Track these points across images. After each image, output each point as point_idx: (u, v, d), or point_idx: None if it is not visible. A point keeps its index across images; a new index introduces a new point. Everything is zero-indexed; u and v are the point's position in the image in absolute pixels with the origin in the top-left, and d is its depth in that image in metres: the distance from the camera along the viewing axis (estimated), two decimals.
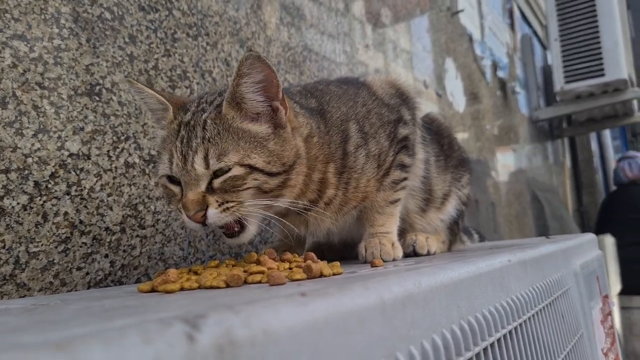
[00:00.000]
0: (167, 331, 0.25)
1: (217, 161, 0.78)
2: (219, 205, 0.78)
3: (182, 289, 0.59)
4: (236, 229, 0.83)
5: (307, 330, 0.33)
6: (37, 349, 0.21)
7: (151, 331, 0.24)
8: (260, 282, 0.61)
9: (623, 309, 3.77)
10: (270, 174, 0.81)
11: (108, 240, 1.01)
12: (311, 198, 0.92)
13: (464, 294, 0.56)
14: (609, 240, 3.62)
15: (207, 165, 0.78)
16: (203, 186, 0.79)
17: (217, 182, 0.79)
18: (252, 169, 0.79)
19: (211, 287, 0.60)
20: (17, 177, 0.87)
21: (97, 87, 1.03)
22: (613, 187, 4.94)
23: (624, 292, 3.71)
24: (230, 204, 0.79)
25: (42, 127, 0.92)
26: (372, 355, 0.38)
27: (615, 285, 3.37)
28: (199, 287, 0.61)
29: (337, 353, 0.34)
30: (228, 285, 0.60)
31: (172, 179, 0.85)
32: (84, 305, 0.48)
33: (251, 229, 0.84)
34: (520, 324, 0.70)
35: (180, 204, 0.81)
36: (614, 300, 3.25)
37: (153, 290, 0.61)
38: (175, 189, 0.84)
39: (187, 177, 0.80)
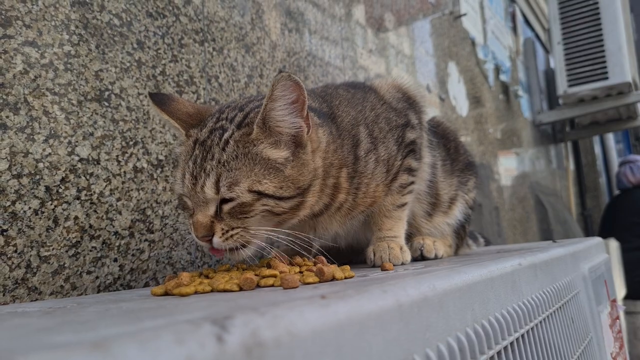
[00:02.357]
0: (198, 332, 0.25)
1: (227, 190, 0.76)
2: (223, 234, 0.78)
3: (195, 292, 0.60)
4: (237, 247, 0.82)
5: (330, 331, 0.33)
6: (73, 349, 0.21)
7: (183, 332, 0.25)
8: (272, 285, 0.62)
9: (628, 313, 3.75)
10: (281, 198, 0.78)
11: (117, 244, 1.02)
12: (325, 202, 0.91)
13: (478, 297, 0.57)
14: (614, 245, 3.61)
15: (217, 191, 0.76)
16: (212, 210, 0.78)
17: (225, 208, 0.77)
18: (262, 195, 0.77)
19: (224, 290, 0.60)
20: (29, 182, 0.88)
21: (107, 93, 1.03)
22: (616, 192, 4.93)
23: (628, 297, 3.70)
24: (235, 231, 0.78)
25: (52, 132, 0.92)
26: (390, 357, 0.38)
27: (619, 289, 3.36)
28: (212, 291, 0.61)
29: (359, 354, 0.35)
30: (241, 289, 0.60)
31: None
32: (102, 308, 0.48)
33: (252, 248, 0.82)
34: (532, 328, 0.70)
35: (191, 221, 0.80)
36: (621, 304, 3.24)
37: (166, 293, 0.62)
38: (189, 202, 0.83)
39: (196, 199, 0.79)
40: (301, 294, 0.43)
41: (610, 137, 7.01)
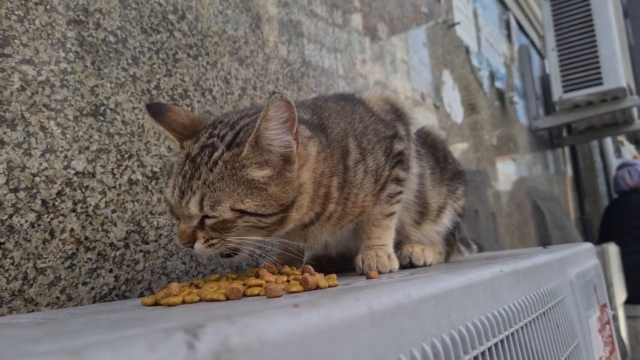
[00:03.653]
0: (170, 340, 0.27)
1: (210, 209, 0.79)
2: (205, 242, 0.82)
3: (184, 302, 0.62)
4: (229, 253, 0.86)
5: (299, 339, 0.35)
6: (52, 356, 0.23)
7: (155, 340, 0.27)
8: (258, 294, 0.64)
9: (629, 318, 3.74)
10: (264, 215, 0.81)
11: (112, 255, 1.04)
12: (316, 212, 0.94)
13: (455, 303, 0.59)
14: (613, 249, 3.62)
15: (201, 209, 0.80)
16: (195, 222, 0.82)
17: (208, 222, 0.81)
18: (243, 213, 0.80)
19: (212, 300, 0.62)
20: (26, 196, 0.90)
21: (102, 108, 1.06)
22: (615, 195, 4.95)
23: (629, 301, 3.69)
24: (215, 241, 0.82)
25: (49, 147, 0.95)
26: None
27: (620, 294, 3.36)
28: (200, 300, 0.64)
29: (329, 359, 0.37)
30: (228, 298, 0.62)
31: None
32: (92, 319, 0.50)
33: (244, 253, 0.87)
34: (512, 333, 0.72)
35: (177, 227, 0.85)
36: (619, 309, 3.24)
37: (156, 303, 0.64)
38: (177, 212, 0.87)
39: (181, 212, 0.83)
40: (278, 303, 0.45)
41: (609, 142, 7.04)
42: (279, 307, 0.38)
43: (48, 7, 0.99)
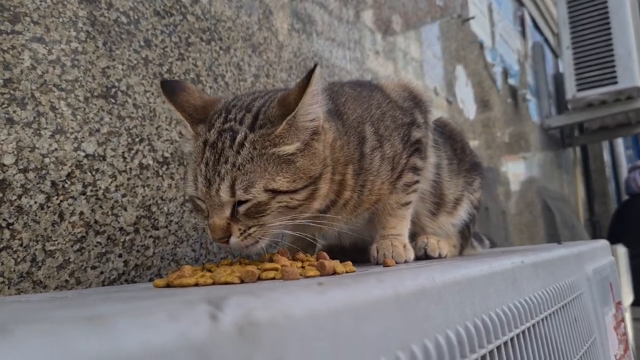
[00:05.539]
0: (192, 310, 0.25)
1: (244, 192, 0.75)
2: (241, 234, 0.78)
3: (197, 284, 0.60)
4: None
5: (325, 316, 0.33)
6: (69, 322, 0.21)
7: (177, 310, 0.25)
8: (274, 278, 0.62)
9: (635, 320, 3.70)
10: (295, 191, 0.79)
11: (122, 240, 1.02)
12: (331, 199, 0.91)
13: (478, 291, 0.57)
14: (622, 251, 3.57)
15: (233, 194, 0.76)
16: (228, 212, 0.78)
17: (241, 209, 0.77)
18: (276, 192, 0.77)
19: (226, 283, 0.60)
20: (35, 177, 0.89)
21: (113, 90, 1.04)
22: (625, 197, 4.89)
23: (636, 304, 3.65)
24: (252, 230, 0.79)
25: (59, 128, 0.94)
26: (387, 345, 0.38)
27: (627, 296, 3.32)
28: (214, 283, 0.62)
29: (354, 340, 0.35)
30: (242, 281, 0.60)
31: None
32: (104, 296, 0.49)
33: (266, 240, 0.83)
34: (533, 325, 0.69)
35: (207, 223, 0.81)
36: (626, 311, 3.20)
37: (168, 285, 0.62)
38: (202, 204, 0.83)
39: (211, 202, 0.78)
40: (299, 283, 0.43)
41: (620, 143, 6.96)
42: (303, 285, 0.36)
43: None
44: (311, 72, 0.76)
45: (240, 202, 0.77)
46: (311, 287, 0.35)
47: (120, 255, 1.02)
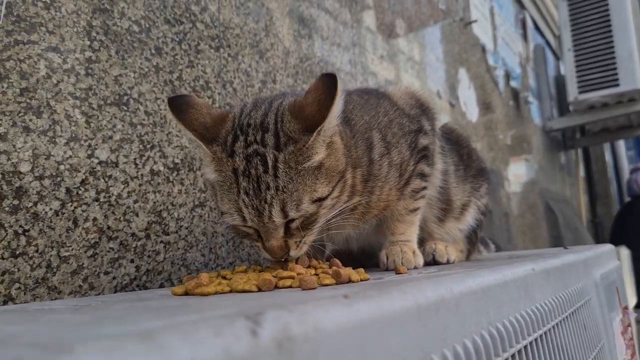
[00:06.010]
0: (234, 325, 0.27)
1: (296, 211, 0.77)
2: (297, 246, 0.80)
3: (215, 293, 0.61)
4: None
5: (352, 329, 0.34)
6: (125, 339, 0.22)
7: (220, 325, 0.26)
8: (290, 286, 0.63)
9: (639, 322, 3.71)
10: (332, 191, 0.81)
11: (134, 245, 1.04)
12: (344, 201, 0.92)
13: (493, 300, 0.58)
14: (624, 252, 3.58)
15: (286, 216, 0.77)
16: (282, 231, 0.79)
17: (293, 225, 0.79)
18: (321, 200, 0.79)
19: (243, 291, 0.61)
20: (50, 184, 0.90)
21: (125, 97, 1.06)
22: (627, 199, 4.90)
23: (639, 306, 3.66)
24: (306, 238, 0.81)
25: (73, 135, 0.95)
26: (410, 356, 0.39)
27: (631, 298, 3.33)
28: (231, 291, 0.63)
29: (380, 352, 0.36)
30: (260, 289, 0.61)
31: None
32: (128, 305, 0.50)
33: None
34: (546, 332, 0.70)
35: (261, 246, 0.81)
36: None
37: (187, 293, 0.63)
38: (250, 230, 0.82)
39: (265, 228, 0.78)
40: (323, 294, 0.44)
41: (621, 144, 6.97)
42: (330, 297, 0.37)
43: None
44: (334, 81, 0.76)
45: (292, 220, 0.78)
46: (338, 300, 0.36)
47: (132, 261, 1.03)
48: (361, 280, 0.66)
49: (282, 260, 0.80)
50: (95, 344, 0.21)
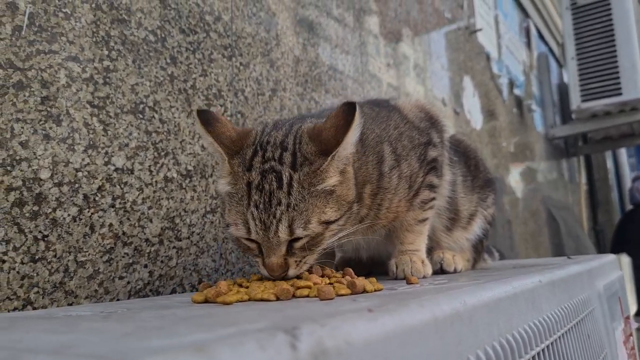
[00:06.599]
0: (275, 339, 0.29)
1: (303, 230, 0.77)
2: (297, 265, 0.81)
3: (237, 302, 0.63)
4: None
5: (378, 342, 0.36)
6: (180, 352, 0.24)
7: (263, 339, 0.28)
8: (307, 296, 0.65)
9: (639, 331, 3.71)
10: (340, 218, 0.82)
11: (148, 251, 1.06)
12: None
13: (503, 312, 0.60)
14: (625, 260, 3.60)
15: (292, 233, 0.78)
16: (284, 249, 0.79)
17: (297, 244, 0.80)
18: (328, 223, 0.80)
19: (262, 300, 0.63)
20: (69, 190, 0.92)
21: (141, 106, 1.08)
22: (629, 207, 4.92)
23: (639, 313, 3.68)
24: (306, 259, 0.82)
25: (91, 143, 0.97)
26: None
27: (631, 306, 3.35)
28: (249, 299, 0.65)
29: None
30: (278, 298, 0.64)
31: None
32: (156, 314, 0.52)
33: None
34: (552, 343, 0.72)
35: (261, 262, 0.82)
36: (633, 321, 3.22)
37: (207, 301, 0.65)
38: (252, 244, 0.83)
39: (268, 243, 0.79)
40: (346, 306, 0.46)
41: (623, 152, 6.99)
42: (355, 311, 0.39)
43: (93, 5, 1.01)
44: (353, 110, 0.78)
45: (297, 238, 0.79)
46: (364, 314, 0.38)
47: (145, 266, 1.05)
48: (375, 291, 0.69)
49: (280, 279, 0.80)
50: (152, 358, 0.23)
